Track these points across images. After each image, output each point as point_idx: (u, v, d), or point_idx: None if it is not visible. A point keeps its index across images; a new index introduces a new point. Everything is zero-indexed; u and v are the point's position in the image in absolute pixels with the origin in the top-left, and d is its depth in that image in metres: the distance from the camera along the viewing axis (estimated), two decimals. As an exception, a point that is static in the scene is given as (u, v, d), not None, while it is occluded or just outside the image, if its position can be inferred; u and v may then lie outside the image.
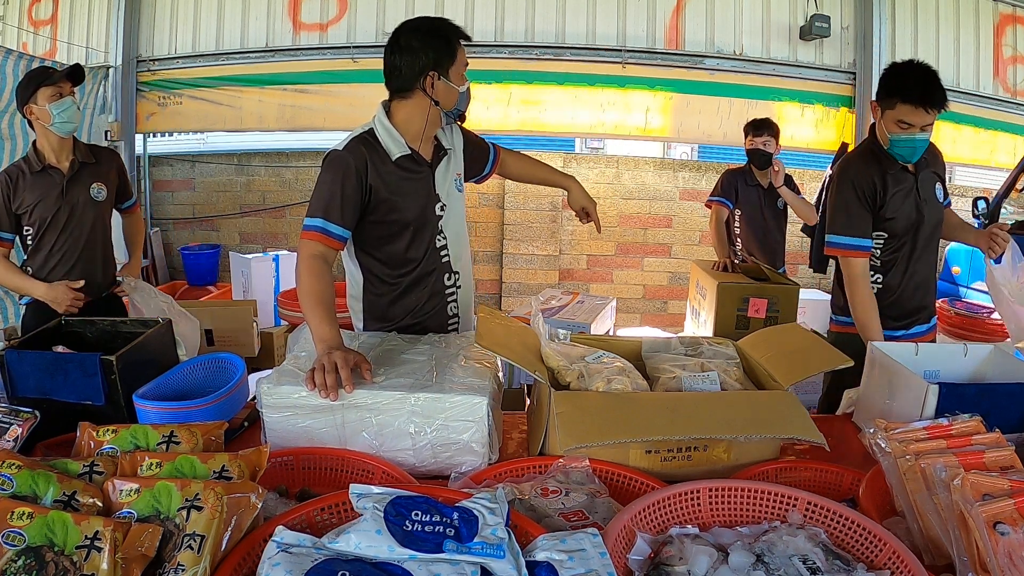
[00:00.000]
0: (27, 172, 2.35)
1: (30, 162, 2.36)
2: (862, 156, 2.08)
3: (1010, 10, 4.97)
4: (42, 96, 2.26)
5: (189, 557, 0.81)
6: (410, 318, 1.77)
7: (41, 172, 2.35)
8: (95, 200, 2.44)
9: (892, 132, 1.95)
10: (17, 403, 1.32)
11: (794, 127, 4.80)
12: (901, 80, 1.92)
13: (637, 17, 4.78)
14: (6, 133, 3.72)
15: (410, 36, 1.63)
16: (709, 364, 1.45)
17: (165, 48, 5.00)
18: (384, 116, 1.69)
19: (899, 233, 2.05)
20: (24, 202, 2.34)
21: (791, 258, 4.69)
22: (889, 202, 2.02)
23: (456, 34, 1.65)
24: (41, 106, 2.27)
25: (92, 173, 2.45)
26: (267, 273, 4.32)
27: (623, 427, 1.15)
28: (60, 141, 2.36)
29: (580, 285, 5.31)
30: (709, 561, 0.90)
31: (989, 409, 1.18)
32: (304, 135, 5.83)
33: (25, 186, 2.33)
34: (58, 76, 2.30)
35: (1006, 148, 5.13)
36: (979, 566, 0.88)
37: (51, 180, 2.36)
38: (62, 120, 2.29)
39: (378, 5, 4.81)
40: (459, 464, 1.21)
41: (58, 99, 2.27)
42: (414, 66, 1.62)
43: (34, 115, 2.30)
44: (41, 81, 2.27)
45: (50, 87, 2.26)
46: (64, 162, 2.38)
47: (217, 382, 1.48)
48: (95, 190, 2.44)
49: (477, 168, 1.95)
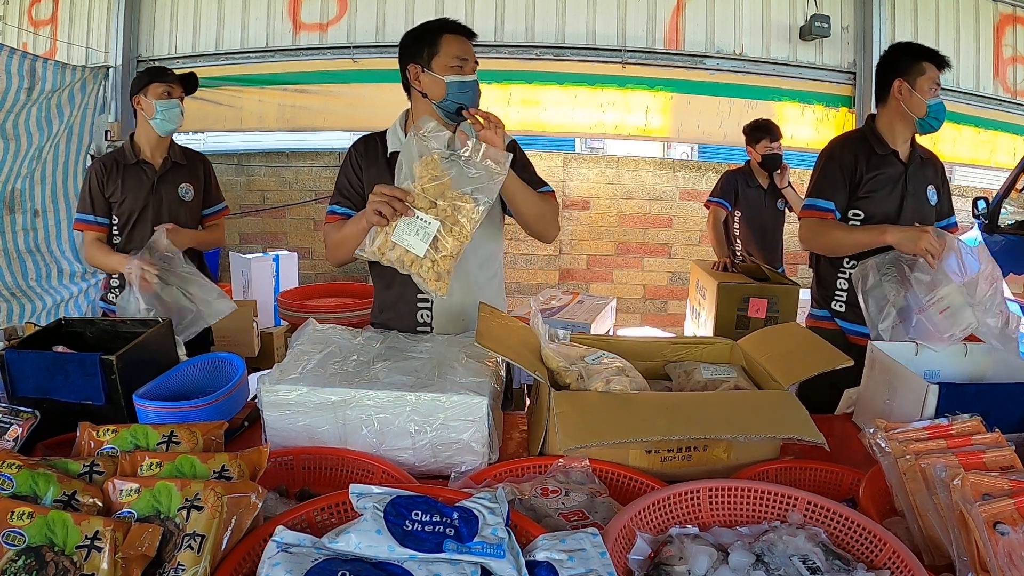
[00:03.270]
0: (121, 163, 2.41)
1: (125, 153, 2.43)
2: (849, 136, 2.17)
3: (1010, 10, 4.98)
4: (152, 91, 2.36)
5: (189, 557, 0.81)
6: (383, 315, 1.82)
7: (135, 165, 2.42)
8: (182, 199, 2.50)
9: (928, 97, 2.00)
10: (17, 403, 1.32)
11: (794, 127, 4.80)
12: (915, 47, 2.03)
13: (637, 17, 4.78)
14: (10, 133, 3.70)
15: (404, 38, 1.73)
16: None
17: (165, 48, 5.00)
18: (401, 117, 1.79)
19: (875, 216, 2.07)
20: (116, 192, 2.40)
21: (791, 258, 4.69)
22: (867, 181, 2.05)
23: (443, 28, 1.66)
24: (149, 100, 2.36)
25: (183, 173, 2.51)
26: (267, 273, 4.32)
27: (623, 427, 1.14)
28: (158, 138, 2.43)
29: (580, 285, 5.32)
30: (709, 561, 0.90)
31: (989, 409, 1.18)
32: (304, 135, 5.83)
33: (118, 176, 2.40)
34: (172, 76, 2.40)
35: (1006, 148, 5.13)
36: (979, 566, 0.88)
37: (143, 174, 2.43)
38: (163, 119, 2.37)
39: (378, 5, 4.82)
40: (459, 464, 1.21)
41: (166, 98, 2.36)
42: (402, 63, 1.72)
43: (140, 106, 2.38)
44: (155, 76, 2.38)
45: (162, 84, 2.36)
46: (158, 159, 2.46)
47: (217, 382, 1.48)
48: (183, 190, 2.50)
49: None
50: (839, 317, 2.17)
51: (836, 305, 2.17)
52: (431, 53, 1.65)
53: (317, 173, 5.37)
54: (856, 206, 2.08)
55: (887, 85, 2.07)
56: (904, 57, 2.04)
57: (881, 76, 2.10)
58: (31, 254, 4.00)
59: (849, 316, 2.14)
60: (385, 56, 4.82)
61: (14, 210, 3.89)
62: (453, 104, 1.66)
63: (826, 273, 2.21)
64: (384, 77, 4.82)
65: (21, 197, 3.92)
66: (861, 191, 2.06)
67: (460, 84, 1.65)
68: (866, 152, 2.07)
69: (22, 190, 3.92)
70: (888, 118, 2.10)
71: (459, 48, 1.66)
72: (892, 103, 2.07)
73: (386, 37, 4.82)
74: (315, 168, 5.37)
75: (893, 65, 2.07)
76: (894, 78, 2.05)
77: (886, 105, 2.09)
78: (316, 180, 5.37)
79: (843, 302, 2.15)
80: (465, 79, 1.66)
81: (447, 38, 1.66)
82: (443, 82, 1.64)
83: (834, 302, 2.17)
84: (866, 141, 2.09)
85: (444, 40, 1.65)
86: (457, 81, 1.64)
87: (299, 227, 5.48)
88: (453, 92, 1.65)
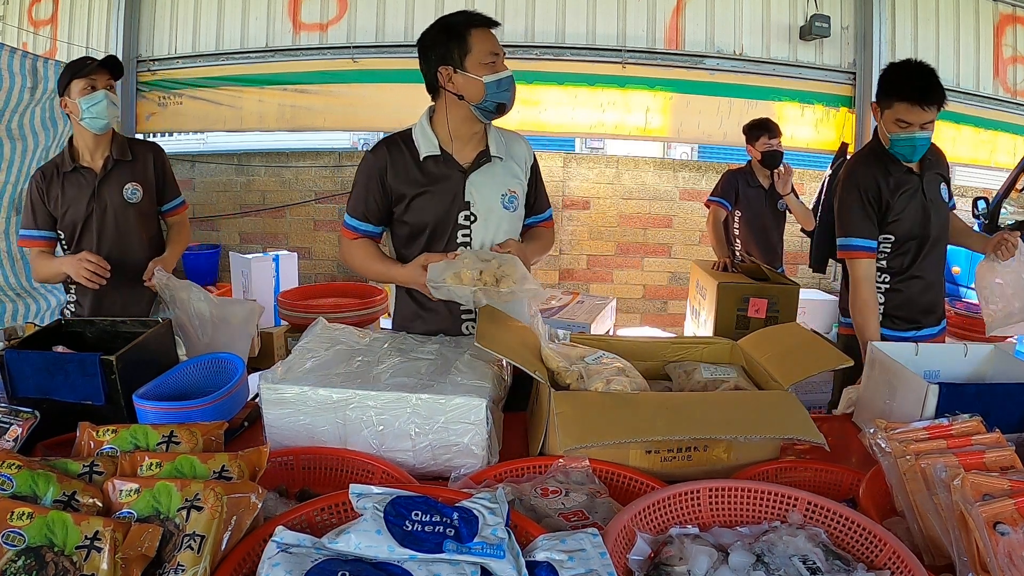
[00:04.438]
0: (59, 171, 2.18)
1: (64, 160, 2.19)
2: (866, 159, 2.09)
3: (1010, 10, 4.98)
4: (75, 89, 2.10)
5: (189, 557, 0.81)
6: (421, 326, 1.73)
7: (73, 172, 2.18)
8: (128, 202, 2.22)
9: (892, 132, 1.96)
10: (17, 403, 1.32)
11: (794, 127, 4.81)
12: (898, 79, 1.94)
13: (637, 17, 4.79)
14: (16, 133, 3.68)
15: (424, 36, 1.63)
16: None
17: (165, 48, 5.01)
18: (426, 116, 1.69)
19: (905, 234, 2.05)
20: (57, 203, 2.17)
21: (791, 258, 4.69)
22: (895, 203, 2.02)
23: (470, 23, 1.58)
24: (73, 100, 2.11)
25: (127, 172, 2.24)
26: (267, 273, 4.32)
27: (623, 427, 1.14)
28: (94, 138, 2.17)
29: (580, 285, 5.31)
30: (709, 561, 0.90)
31: (989, 409, 1.18)
32: (304, 135, 5.84)
33: (57, 186, 2.17)
34: (91, 68, 2.11)
35: (1006, 148, 5.14)
36: (979, 566, 0.88)
37: (82, 180, 2.18)
38: (91, 116, 2.11)
39: (378, 5, 4.82)
40: (458, 467, 1.21)
41: (90, 92, 2.10)
42: (429, 65, 1.62)
43: (68, 109, 2.14)
44: (74, 73, 2.11)
45: (82, 79, 2.09)
46: (98, 161, 2.20)
47: (217, 382, 1.48)
48: (129, 191, 2.22)
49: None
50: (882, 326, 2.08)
51: None
52: (462, 52, 1.56)
53: (317, 173, 5.36)
54: (887, 230, 2.05)
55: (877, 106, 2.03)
56: (884, 82, 1.98)
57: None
58: (36, 255, 4.00)
59: (886, 323, 2.08)
60: (385, 56, 4.83)
61: (20, 212, 3.88)
62: (493, 103, 1.60)
63: None
64: (384, 77, 4.83)
65: None
66: (891, 216, 2.02)
67: (498, 83, 1.58)
68: (884, 174, 2.02)
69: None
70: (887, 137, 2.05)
71: (490, 43, 1.58)
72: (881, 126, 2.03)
73: (386, 37, 4.83)
74: (315, 168, 5.37)
75: (879, 85, 2.01)
76: (877, 102, 2.02)
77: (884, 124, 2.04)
78: (316, 180, 5.37)
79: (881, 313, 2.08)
80: (502, 76, 1.58)
81: (476, 34, 1.57)
82: (481, 83, 1.56)
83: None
84: (881, 162, 2.03)
85: (473, 36, 1.56)
86: (495, 80, 1.57)
87: (299, 227, 5.47)
88: (492, 92, 1.58)
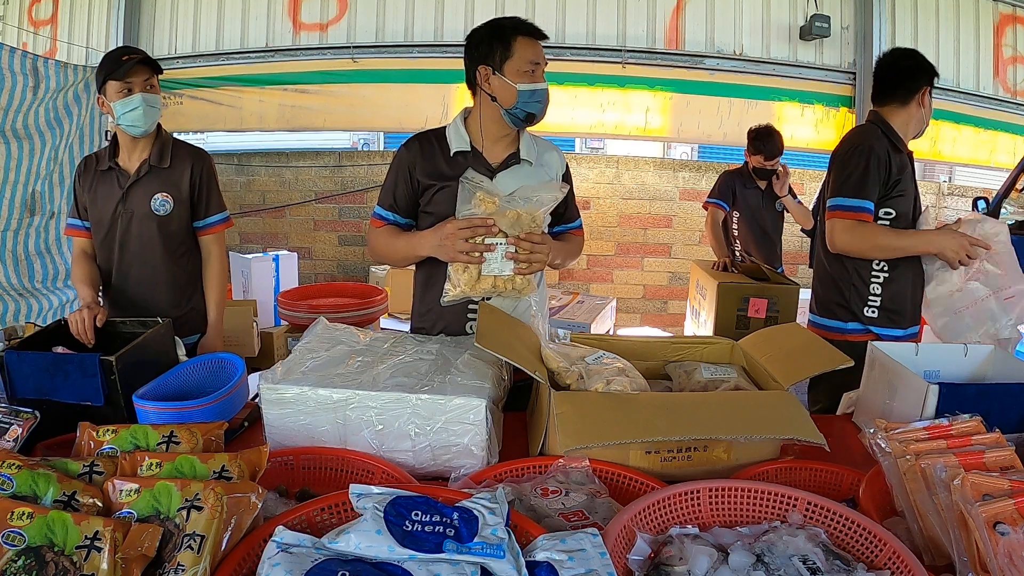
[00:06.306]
0: (95, 167, 2.04)
1: (102, 156, 2.04)
2: (873, 131, 2.08)
3: (1010, 10, 4.98)
4: (111, 90, 1.92)
5: (189, 557, 0.81)
6: (424, 320, 1.76)
7: (108, 171, 2.02)
8: (155, 213, 2.00)
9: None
10: (17, 403, 1.32)
11: (794, 127, 4.80)
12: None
13: (637, 17, 4.78)
14: (21, 132, 3.67)
15: (472, 35, 1.66)
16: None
17: (165, 48, 5.01)
18: (461, 115, 1.74)
19: (904, 214, 2.06)
20: (87, 200, 2.03)
21: (791, 258, 4.70)
22: (898, 178, 2.03)
23: (517, 30, 1.60)
24: (110, 101, 1.94)
25: (160, 180, 2.02)
26: (267, 273, 4.32)
27: (623, 428, 1.14)
28: (131, 140, 2.00)
29: (580, 285, 5.32)
30: (709, 561, 0.90)
31: (989, 409, 1.18)
32: (304, 135, 5.84)
33: (92, 180, 2.02)
34: (125, 69, 1.90)
35: (1006, 148, 5.14)
36: (979, 566, 0.88)
37: (113, 181, 2.01)
38: (127, 123, 1.94)
39: (378, 5, 4.82)
40: (458, 467, 1.21)
41: (126, 95, 1.92)
42: (471, 63, 1.66)
43: (104, 109, 1.97)
44: (109, 73, 1.92)
45: (117, 82, 1.91)
46: (134, 163, 2.02)
47: (217, 382, 1.48)
48: (157, 202, 2.00)
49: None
50: (873, 324, 2.09)
51: (868, 312, 2.10)
52: (504, 56, 1.59)
53: (317, 173, 5.36)
54: (887, 204, 2.04)
55: (914, 89, 2.05)
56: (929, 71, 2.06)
57: (906, 78, 2.07)
58: (40, 256, 4.00)
59: (883, 321, 2.08)
60: (385, 56, 4.83)
61: (34, 212, 3.88)
62: (523, 111, 1.62)
63: (854, 278, 2.10)
64: (384, 77, 4.83)
65: (41, 199, 3.92)
66: (895, 191, 2.02)
67: (532, 92, 1.60)
68: (892, 149, 2.04)
69: (42, 192, 3.92)
70: (905, 119, 2.08)
71: (533, 52, 1.60)
72: (914, 107, 2.07)
73: (386, 37, 4.83)
74: (315, 168, 5.37)
75: (923, 72, 2.05)
76: (924, 85, 2.05)
77: (906, 107, 2.07)
78: (316, 180, 5.37)
79: (876, 307, 2.08)
80: (537, 87, 1.61)
81: (521, 41, 1.59)
82: (515, 89, 1.59)
83: (867, 308, 2.10)
84: (889, 139, 2.06)
85: (518, 43, 1.59)
86: (529, 89, 1.59)
87: (299, 227, 5.47)
88: (524, 100, 1.60)
